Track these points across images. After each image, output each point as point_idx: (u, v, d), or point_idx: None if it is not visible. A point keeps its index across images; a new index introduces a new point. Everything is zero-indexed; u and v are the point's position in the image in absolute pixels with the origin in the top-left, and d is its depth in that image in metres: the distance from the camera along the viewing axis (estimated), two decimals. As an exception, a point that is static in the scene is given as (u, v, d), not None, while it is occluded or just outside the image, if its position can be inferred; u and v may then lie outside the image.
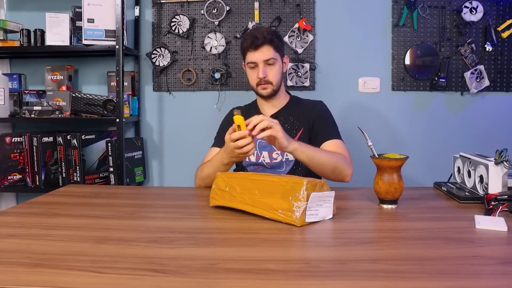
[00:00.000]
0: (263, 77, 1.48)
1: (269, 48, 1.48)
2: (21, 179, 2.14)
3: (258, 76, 1.48)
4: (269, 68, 1.49)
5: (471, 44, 2.12)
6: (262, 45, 1.47)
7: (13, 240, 0.83)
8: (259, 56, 1.47)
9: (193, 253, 0.76)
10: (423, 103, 2.20)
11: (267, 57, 1.47)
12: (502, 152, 1.06)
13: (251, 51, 1.49)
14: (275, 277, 0.65)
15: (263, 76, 1.47)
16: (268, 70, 1.49)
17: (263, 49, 1.47)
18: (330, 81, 2.21)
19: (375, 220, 1.01)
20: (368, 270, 0.68)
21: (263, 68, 1.48)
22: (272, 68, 1.49)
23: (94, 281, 0.64)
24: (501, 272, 0.68)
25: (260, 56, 1.47)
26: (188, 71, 2.26)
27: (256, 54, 1.48)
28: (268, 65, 1.49)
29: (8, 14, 2.33)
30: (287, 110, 1.56)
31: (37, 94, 2.24)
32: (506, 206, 0.98)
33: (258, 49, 1.47)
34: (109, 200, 1.23)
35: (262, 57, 1.47)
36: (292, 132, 1.51)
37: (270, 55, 1.48)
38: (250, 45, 1.48)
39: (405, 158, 1.04)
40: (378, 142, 1.18)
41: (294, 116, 1.54)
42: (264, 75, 1.47)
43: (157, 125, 2.33)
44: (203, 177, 1.40)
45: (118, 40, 1.97)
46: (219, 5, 2.19)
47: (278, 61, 1.51)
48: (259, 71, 1.48)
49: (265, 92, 1.51)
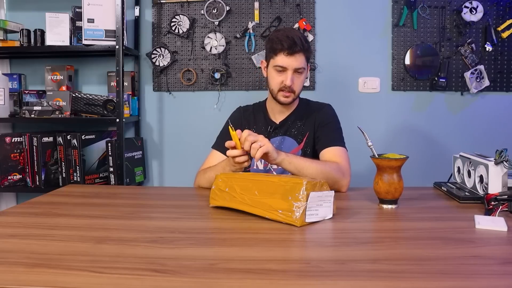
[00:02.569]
0: (290, 85, 1.40)
1: (303, 56, 1.41)
2: (21, 179, 2.14)
3: (285, 83, 1.41)
4: (296, 77, 1.42)
5: (471, 44, 2.12)
6: (299, 52, 1.39)
7: (13, 240, 0.83)
8: (292, 62, 1.39)
9: (193, 253, 0.76)
10: (423, 103, 2.20)
11: (299, 66, 1.40)
12: (502, 152, 1.06)
13: (284, 55, 1.39)
14: (275, 277, 0.65)
15: (290, 84, 1.40)
16: (296, 78, 1.42)
17: (297, 57, 1.39)
18: (330, 81, 2.21)
19: (375, 220, 1.01)
20: (368, 270, 0.68)
21: (292, 76, 1.40)
22: (299, 77, 1.43)
23: (94, 281, 0.64)
24: (501, 272, 0.68)
25: (293, 64, 1.39)
26: (188, 71, 2.26)
27: (290, 60, 1.39)
28: (296, 73, 1.41)
29: (8, 14, 2.33)
30: (295, 115, 1.52)
31: (37, 94, 2.24)
32: (506, 206, 0.98)
33: (293, 55, 1.38)
34: (109, 200, 1.23)
35: (295, 64, 1.39)
36: (299, 137, 1.49)
37: (302, 64, 1.40)
38: (287, 48, 1.38)
39: (405, 158, 1.04)
40: (378, 142, 1.18)
41: (301, 121, 1.50)
42: (291, 83, 1.40)
43: (157, 125, 2.33)
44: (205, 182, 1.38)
45: (118, 40, 1.97)
46: (219, 5, 2.19)
47: (306, 71, 1.45)
48: (287, 77, 1.40)
49: (286, 100, 1.44)
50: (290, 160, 1.24)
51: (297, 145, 1.48)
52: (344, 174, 1.31)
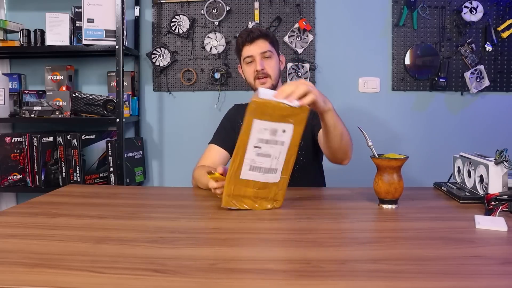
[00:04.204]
0: (260, 69, 1.46)
1: (265, 41, 1.48)
2: (21, 179, 2.14)
3: (256, 69, 1.46)
4: (266, 61, 1.47)
5: (471, 44, 2.12)
6: (258, 38, 1.47)
7: (13, 240, 0.83)
8: (255, 49, 1.47)
9: (193, 253, 0.76)
10: (423, 103, 2.20)
11: (264, 50, 1.47)
12: (502, 152, 1.06)
13: (247, 45, 1.48)
14: (275, 277, 0.65)
15: (260, 68, 1.45)
16: (266, 62, 1.47)
17: (259, 42, 1.47)
18: (330, 81, 2.21)
19: (375, 220, 1.01)
20: (368, 270, 0.68)
21: (260, 60, 1.46)
22: (269, 61, 1.48)
23: (94, 281, 0.64)
24: (501, 272, 0.67)
25: (256, 49, 1.47)
26: (188, 71, 2.26)
27: (252, 47, 1.47)
28: (265, 58, 1.47)
29: (8, 14, 2.33)
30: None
31: (37, 94, 2.24)
32: (506, 206, 0.98)
33: (254, 42, 1.47)
34: (109, 200, 1.22)
35: (258, 49, 1.47)
36: None
37: (266, 48, 1.47)
38: (245, 38, 1.47)
39: (405, 158, 1.04)
40: (378, 142, 1.18)
41: None
42: (261, 67, 1.45)
43: (157, 125, 2.33)
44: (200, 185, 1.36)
45: (118, 40, 1.97)
46: (219, 5, 2.19)
47: (275, 55, 1.50)
48: (256, 64, 1.46)
49: (264, 86, 1.47)
50: (333, 114, 1.13)
51: None
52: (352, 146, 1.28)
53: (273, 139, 0.98)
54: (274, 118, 0.95)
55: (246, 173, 1.00)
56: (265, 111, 0.94)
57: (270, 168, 1.01)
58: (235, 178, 1.00)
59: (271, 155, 0.99)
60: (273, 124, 0.96)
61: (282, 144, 0.99)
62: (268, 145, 0.98)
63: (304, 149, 1.48)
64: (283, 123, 0.97)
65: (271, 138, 0.98)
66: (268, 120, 0.95)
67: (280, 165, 1.01)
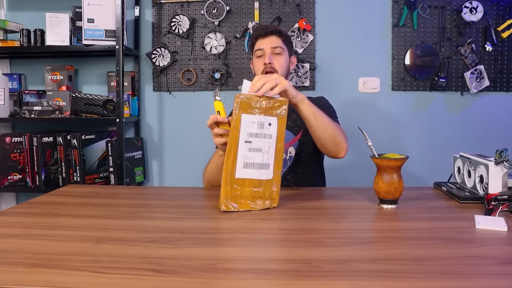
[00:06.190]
0: (268, 62, 1.48)
1: (277, 38, 1.52)
2: (21, 179, 2.14)
3: (264, 62, 1.49)
4: (275, 57, 1.50)
5: (471, 44, 2.12)
6: (271, 34, 1.52)
7: (13, 240, 0.83)
8: (267, 43, 1.51)
9: (193, 253, 0.76)
10: (423, 103, 2.20)
11: (275, 45, 1.51)
12: (502, 152, 1.06)
13: (260, 39, 1.53)
14: (275, 277, 0.65)
15: (269, 61, 1.48)
16: (275, 58, 1.50)
17: (271, 38, 1.52)
18: (330, 81, 2.21)
19: (375, 220, 1.01)
20: (368, 270, 0.68)
21: (270, 55, 1.50)
22: (279, 57, 1.51)
23: (94, 281, 0.64)
24: (501, 272, 0.67)
25: (268, 43, 1.51)
26: (188, 71, 2.26)
27: (265, 41, 1.52)
28: (275, 54, 1.51)
29: (8, 14, 2.33)
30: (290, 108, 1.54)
31: (37, 94, 2.24)
32: (506, 206, 0.98)
33: (267, 37, 1.52)
34: (109, 200, 1.22)
35: (270, 44, 1.51)
36: (295, 129, 1.51)
37: (277, 44, 1.51)
38: (260, 32, 1.53)
39: (405, 158, 1.04)
40: (378, 142, 1.18)
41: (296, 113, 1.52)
42: (270, 61, 1.48)
43: (157, 125, 2.33)
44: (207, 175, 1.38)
45: (118, 40, 1.97)
46: (219, 5, 2.19)
47: (285, 53, 1.53)
48: (265, 57, 1.50)
49: None
50: (309, 103, 1.19)
51: (293, 137, 1.50)
52: (345, 139, 1.30)
53: (261, 133, 1.04)
54: (259, 111, 1.03)
55: (240, 171, 1.02)
56: (250, 104, 1.02)
57: (262, 163, 1.04)
58: (230, 179, 1.02)
59: (261, 149, 1.04)
60: (259, 117, 1.03)
61: (270, 137, 1.04)
62: (258, 139, 1.03)
63: (306, 145, 1.49)
64: (268, 116, 1.04)
65: (259, 132, 1.03)
66: (254, 114, 1.03)
67: (271, 159, 1.05)
